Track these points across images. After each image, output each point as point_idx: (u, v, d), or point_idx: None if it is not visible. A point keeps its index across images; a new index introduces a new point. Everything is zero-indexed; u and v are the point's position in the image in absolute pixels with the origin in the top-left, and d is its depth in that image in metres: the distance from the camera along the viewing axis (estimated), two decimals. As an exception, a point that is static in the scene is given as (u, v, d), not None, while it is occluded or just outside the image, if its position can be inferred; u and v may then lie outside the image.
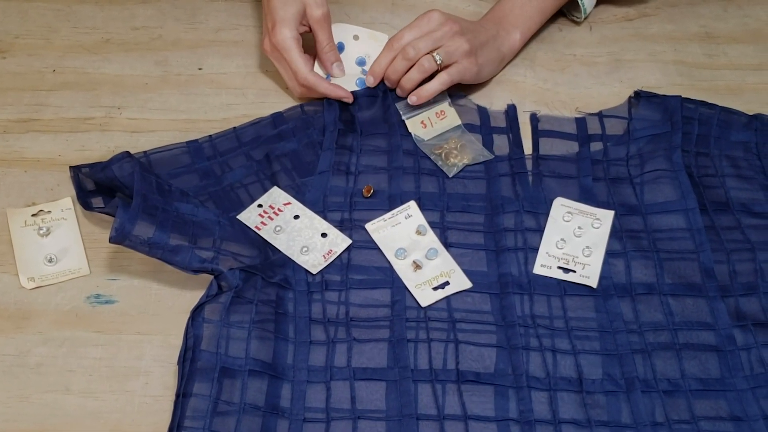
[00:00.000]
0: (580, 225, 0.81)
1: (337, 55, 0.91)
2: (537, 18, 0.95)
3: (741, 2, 1.05)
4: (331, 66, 0.90)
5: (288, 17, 0.86)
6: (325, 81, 0.88)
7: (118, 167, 0.77)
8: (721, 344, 0.74)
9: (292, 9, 0.87)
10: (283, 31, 0.86)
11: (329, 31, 0.90)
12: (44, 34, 0.99)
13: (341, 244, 0.79)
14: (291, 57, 0.86)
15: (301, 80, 0.87)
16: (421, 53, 0.86)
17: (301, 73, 0.86)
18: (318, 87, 0.87)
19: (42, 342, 0.74)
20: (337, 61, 0.91)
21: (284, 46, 0.86)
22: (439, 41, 0.86)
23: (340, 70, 0.91)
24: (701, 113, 0.89)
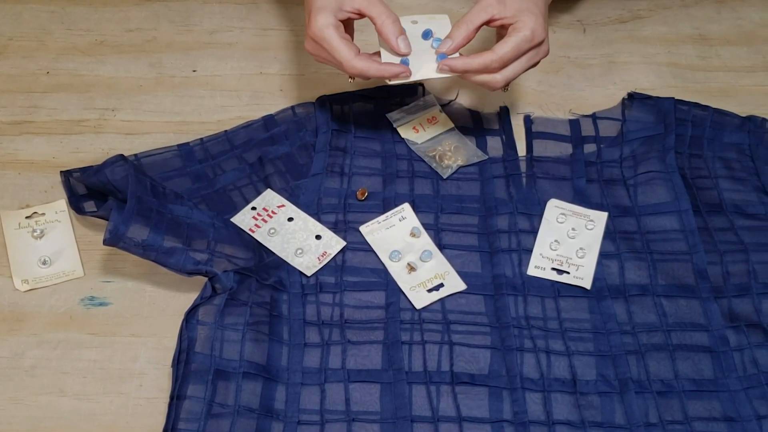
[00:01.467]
0: (573, 226, 0.81)
1: (400, 27, 0.78)
2: None
3: (734, 4, 1.06)
4: (396, 40, 0.77)
5: (324, 5, 0.77)
6: (375, 62, 0.77)
7: (110, 171, 0.77)
8: (714, 345, 0.74)
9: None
10: (319, 19, 0.76)
11: (382, 6, 0.78)
12: (38, 36, 0.98)
13: (335, 246, 0.79)
14: (331, 45, 0.76)
15: (348, 70, 0.77)
16: (507, 81, 0.79)
17: (346, 61, 0.76)
18: (369, 72, 0.76)
19: (36, 344, 0.73)
20: (401, 35, 0.78)
21: (322, 36, 0.76)
22: (530, 63, 0.80)
23: (405, 44, 0.78)
24: (694, 115, 0.89)
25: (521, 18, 0.77)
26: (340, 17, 0.78)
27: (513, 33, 0.76)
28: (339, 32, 0.77)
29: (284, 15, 1.02)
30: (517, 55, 0.77)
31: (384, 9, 0.78)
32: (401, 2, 1.03)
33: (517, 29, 0.76)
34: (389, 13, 0.78)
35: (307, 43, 0.80)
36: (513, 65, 0.78)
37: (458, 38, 0.78)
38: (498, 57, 0.76)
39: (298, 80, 0.95)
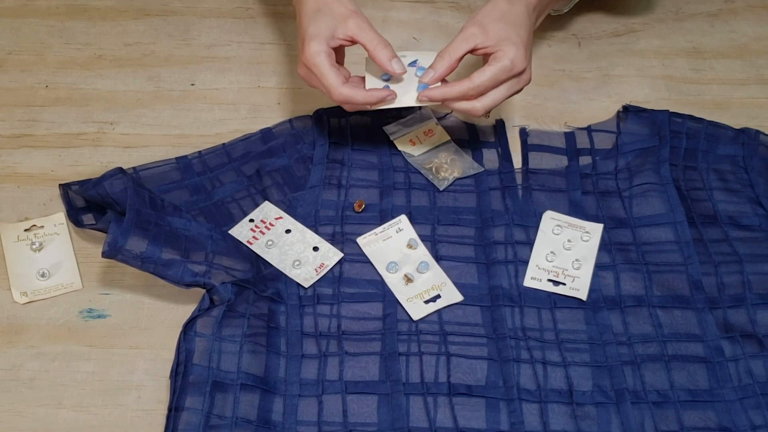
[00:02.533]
0: (569, 238, 0.81)
1: (392, 50, 0.80)
2: (549, 8, 0.91)
3: (727, 18, 1.07)
4: (389, 63, 0.79)
5: (317, 32, 0.79)
6: (361, 90, 0.79)
7: (109, 184, 0.77)
8: (709, 356, 0.74)
9: (320, 24, 0.79)
10: (312, 46, 0.78)
11: (373, 31, 0.80)
12: (37, 50, 0.99)
13: (333, 257, 0.79)
14: (321, 72, 0.78)
15: (335, 96, 0.79)
16: (487, 109, 0.80)
17: (333, 88, 0.78)
18: (356, 99, 0.79)
19: (35, 356, 0.74)
20: (394, 58, 0.80)
21: (313, 62, 0.78)
22: (510, 91, 0.81)
23: (399, 65, 0.79)
24: (689, 127, 0.90)
25: (502, 47, 0.78)
26: (332, 44, 0.80)
27: (492, 62, 0.78)
28: (330, 60, 0.79)
29: (282, 29, 1.02)
30: (494, 84, 0.79)
31: (375, 35, 0.80)
32: (397, 17, 1.04)
33: (497, 59, 0.78)
34: (380, 39, 0.80)
35: (300, 68, 0.81)
36: (492, 93, 0.79)
37: (440, 69, 0.79)
38: (475, 86, 0.78)
39: (295, 94, 0.95)
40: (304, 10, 0.81)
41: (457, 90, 0.78)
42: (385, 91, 0.79)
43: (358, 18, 0.80)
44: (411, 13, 1.05)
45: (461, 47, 0.79)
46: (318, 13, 0.80)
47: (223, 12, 1.04)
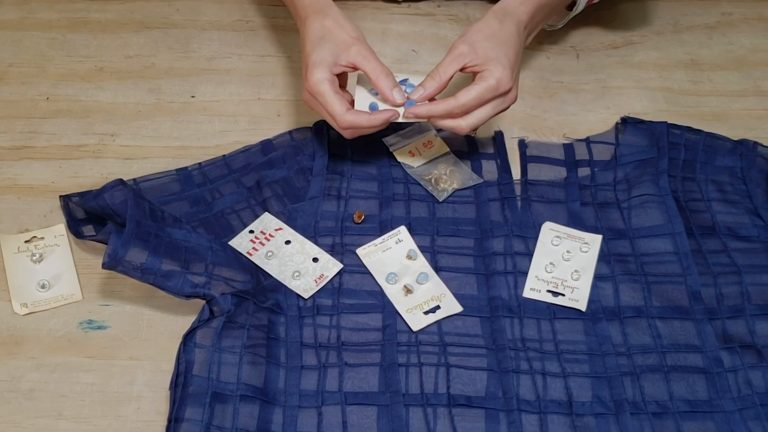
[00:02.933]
0: (568, 249, 0.82)
1: (394, 80, 0.82)
2: (542, 23, 0.93)
3: (725, 30, 1.07)
4: (391, 92, 0.81)
5: (320, 59, 0.80)
6: (365, 115, 0.80)
7: (109, 195, 0.77)
8: (708, 366, 0.74)
9: (324, 51, 0.81)
10: (315, 74, 0.80)
11: (376, 61, 0.82)
12: (38, 63, 1.00)
13: (332, 268, 0.79)
14: (325, 100, 0.80)
15: (340, 123, 0.80)
16: (472, 128, 0.81)
17: (338, 116, 0.79)
18: (360, 123, 0.80)
19: (34, 367, 0.74)
20: (396, 87, 0.81)
21: (317, 90, 0.80)
22: (497, 110, 0.82)
23: (401, 95, 0.81)
24: (687, 139, 0.91)
25: (488, 67, 0.79)
26: (335, 71, 0.81)
27: (478, 81, 0.79)
28: (333, 87, 0.80)
29: (281, 42, 1.03)
30: (480, 103, 0.80)
31: (378, 64, 0.81)
32: (396, 29, 1.05)
33: (483, 78, 0.79)
34: (383, 68, 0.81)
35: (304, 94, 0.83)
36: (477, 112, 0.80)
37: (430, 88, 0.81)
38: (460, 104, 0.79)
39: (295, 105, 0.96)
40: (307, 36, 0.83)
41: (443, 108, 0.79)
42: (388, 112, 0.81)
43: (361, 45, 0.82)
44: (410, 25, 1.05)
45: (451, 67, 0.81)
46: (321, 40, 0.81)
47: (223, 25, 1.05)
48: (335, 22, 0.82)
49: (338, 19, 0.83)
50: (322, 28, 0.82)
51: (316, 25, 0.83)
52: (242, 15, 1.06)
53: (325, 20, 0.83)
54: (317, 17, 0.83)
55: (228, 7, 1.07)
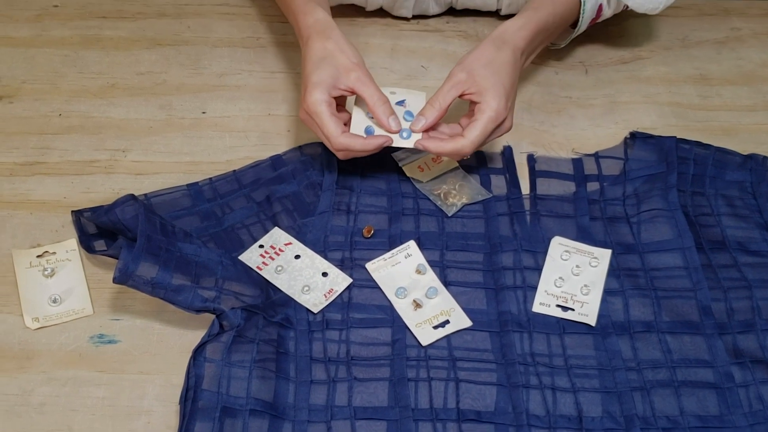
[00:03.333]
0: (578, 263, 0.81)
1: (391, 108, 0.84)
2: (547, 41, 0.95)
3: (734, 45, 1.07)
4: (387, 120, 0.83)
5: (320, 81, 0.82)
6: (359, 138, 0.82)
7: (121, 210, 0.78)
8: (719, 381, 0.74)
9: (324, 73, 0.83)
10: (314, 95, 0.82)
11: (374, 87, 0.84)
12: (51, 79, 1.01)
13: (342, 283, 0.79)
14: (321, 121, 0.82)
15: (335, 145, 0.82)
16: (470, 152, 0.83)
17: (333, 137, 0.81)
18: (354, 147, 0.82)
19: (45, 381, 0.74)
20: (392, 115, 0.84)
21: (314, 110, 0.82)
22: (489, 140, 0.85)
23: (396, 123, 0.83)
24: (696, 153, 0.91)
25: (485, 98, 0.82)
26: (333, 94, 0.83)
27: (479, 115, 0.82)
28: (330, 109, 0.82)
29: (291, 58, 1.04)
30: (485, 136, 0.83)
31: (375, 90, 0.83)
32: (406, 45, 1.05)
33: (482, 110, 0.82)
34: (380, 95, 0.83)
35: (301, 113, 0.84)
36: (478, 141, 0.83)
37: (431, 118, 0.83)
38: (470, 142, 0.82)
39: (305, 121, 0.96)
40: (309, 56, 0.85)
41: (451, 147, 0.82)
42: (382, 138, 0.83)
43: (360, 71, 0.84)
44: (420, 41, 1.06)
45: (450, 94, 0.83)
46: (322, 62, 0.83)
47: (233, 41, 1.06)
48: (337, 45, 0.84)
49: (340, 43, 0.85)
50: (324, 50, 0.84)
51: (318, 46, 0.84)
52: (252, 32, 1.07)
53: (327, 42, 0.85)
54: (320, 38, 0.85)
55: (238, 24, 1.08)
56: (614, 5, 0.98)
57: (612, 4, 0.98)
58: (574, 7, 0.94)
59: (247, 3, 1.11)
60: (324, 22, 0.87)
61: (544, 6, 0.90)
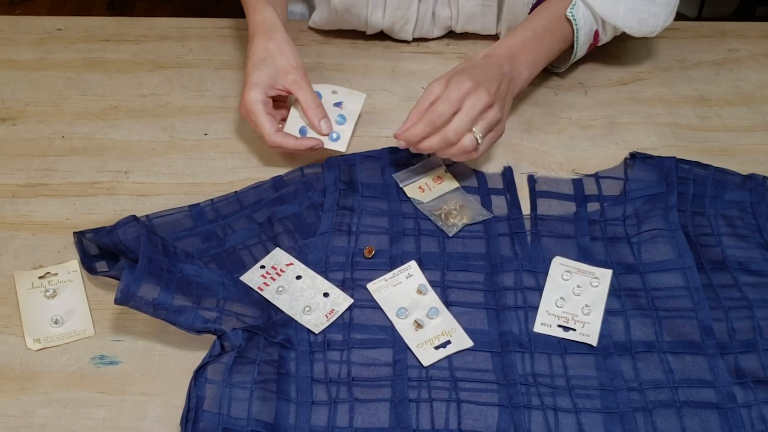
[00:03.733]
0: (579, 284, 0.82)
1: (323, 111, 0.92)
2: (544, 59, 0.96)
3: (732, 66, 1.08)
4: (318, 123, 0.91)
5: (258, 81, 0.89)
6: (291, 138, 0.89)
7: (123, 231, 0.78)
8: (721, 402, 0.74)
9: (262, 73, 0.89)
10: (251, 94, 0.88)
11: (309, 90, 0.91)
12: (54, 102, 1.01)
13: (343, 303, 0.80)
14: (257, 119, 0.88)
15: (268, 142, 0.89)
16: (461, 136, 0.85)
17: (266, 135, 0.88)
18: (286, 146, 0.89)
19: (46, 403, 0.74)
20: (324, 118, 0.91)
21: (251, 109, 0.88)
22: (475, 118, 0.85)
23: (327, 126, 0.91)
24: (696, 174, 0.91)
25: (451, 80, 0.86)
26: (270, 94, 0.90)
27: None
28: (266, 108, 0.89)
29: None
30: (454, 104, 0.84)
31: (309, 93, 0.91)
32: (406, 67, 1.06)
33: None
34: (313, 98, 0.91)
35: (240, 108, 0.91)
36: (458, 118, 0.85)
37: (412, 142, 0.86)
38: (434, 109, 0.84)
39: (306, 142, 0.97)
40: (251, 54, 0.91)
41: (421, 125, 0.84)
42: (313, 140, 0.90)
43: (298, 74, 0.91)
44: (420, 63, 1.07)
45: (424, 101, 0.86)
46: (263, 62, 0.90)
47: (235, 64, 1.07)
48: (278, 47, 0.91)
49: (282, 45, 0.91)
50: (266, 50, 0.91)
51: (260, 46, 0.91)
52: (254, 54, 1.08)
53: (269, 43, 0.91)
54: (263, 38, 0.91)
55: (240, 46, 1.09)
56: (611, 30, 1.00)
57: (608, 30, 1.00)
58: (567, 26, 0.96)
59: (249, 26, 1.12)
60: (270, 22, 0.93)
61: (531, 17, 0.96)
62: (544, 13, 0.96)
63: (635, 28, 0.98)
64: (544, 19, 0.96)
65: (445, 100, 0.84)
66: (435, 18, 1.07)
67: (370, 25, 1.06)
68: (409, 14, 1.04)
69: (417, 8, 1.04)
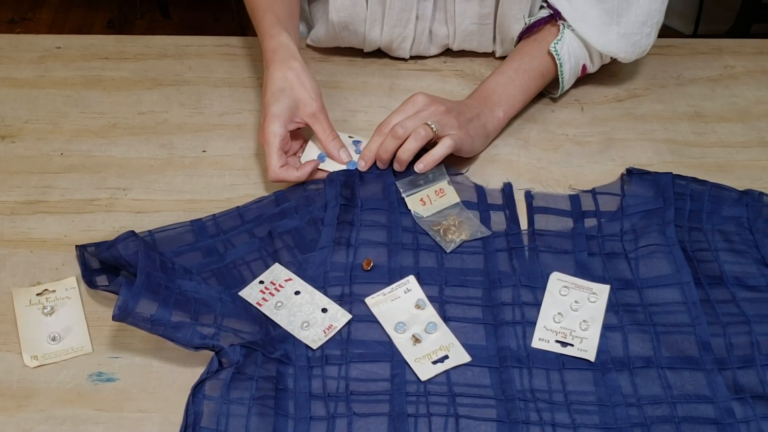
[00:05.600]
0: (576, 299, 0.82)
1: (341, 142, 0.93)
2: (520, 96, 0.99)
3: (728, 83, 1.09)
4: (338, 153, 0.92)
5: (278, 113, 0.89)
6: (293, 171, 0.89)
7: (123, 246, 0.78)
8: (720, 417, 0.74)
9: (282, 106, 0.90)
10: (272, 127, 0.89)
11: (327, 122, 0.92)
12: (53, 119, 1.02)
13: (341, 319, 0.80)
14: (268, 151, 0.89)
15: (270, 177, 0.89)
16: (410, 131, 0.88)
17: (270, 169, 0.89)
18: (288, 179, 0.90)
19: (44, 420, 0.74)
20: (342, 148, 0.92)
21: (267, 141, 0.89)
22: (427, 119, 0.89)
23: (346, 154, 0.92)
24: (693, 189, 0.91)
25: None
26: (289, 128, 0.91)
27: None
28: (282, 142, 0.90)
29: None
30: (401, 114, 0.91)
31: (327, 127, 0.92)
32: (404, 84, 1.07)
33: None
34: (331, 131, 0.92)
35: (259, 136, 0.91)
36: None
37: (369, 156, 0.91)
38: (385, 121, 0.91)
39: (304, 159, 0.97)
40: (269, 84, 0.91)
41: (376, 138, 0.91)
42: (309, 164, 0.91)
43: (316, 107, 0.91)
44: (417, 80, 1.08)
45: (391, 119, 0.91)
46: (282, 93, 0.90)
47: (234, 81, 1.07)
48: (297, 78, 0.91)
49: (300, 75, 0.91)
50: (285, 80, 0.91)
51: (278, 75, 0.91)
52: (253, 72, 1.09)
53: (288, 72, 0.91)
54: (281, 67, 0.91)
55: (239, 64, 1.10)
56: (598, 60, 1.02)
57: (596, 60, 1.01)
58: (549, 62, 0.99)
59: (247, 44, 1.13)
60: (287, 49, 0.93)
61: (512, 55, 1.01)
62: (524, 49, 1.00)
63: (629, 51, 1.00)
64: (524, 56, 0.99)
65: (397, 112, 0.91)
66: (432, 36, 1.08)
67: (368, 43, 1.07)
68: (406, 32, 1.05)
69: (414, 26, 1.05)
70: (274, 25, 0.95)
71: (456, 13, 1.04)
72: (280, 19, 0.96)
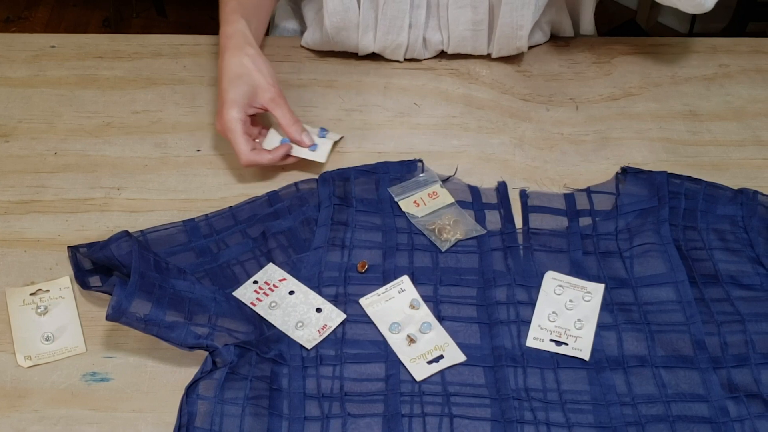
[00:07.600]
0: (571, 298, 0.82)
1: (301, 125, 0.93)
2: None
3: (722, 81, 1.09)
4: (300, 136, 0.92)
5: (236, 99, 0.89)
6: (265, 153, 0.90)
7: (116, 246, 0.78)
8: (714, 416, 0.74)
9: (239, 91, 0.90)
10: (230, 113, 0.89)
11: (286, 108, 0.92)
12: (47, 119, 1.01)
13: (336, 318, 0.79)
14: (233, 138, 0.89)
15: (242, 162, 0.89)
16: None
17: (241, 154, 0.89)
18: (261, 162, 0.90)
19: (37, 420, 0.73)
20: (304, 132, 0.93)
21: (228, 127, 0.89)
22: None
23: (309, 138, 0.93)
24: (687, 188, 0.91)
25: None
26: (248, 112, 0.91)
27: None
28: (244, 127, 0.90)
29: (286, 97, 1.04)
30: None
31: (287, 111, 0.92)
32: (399, 83, 1.07)
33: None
34: (291, 116, 0.93)
35: (217, 125, 0.91)
36: None
37: None
38: None
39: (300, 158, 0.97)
40: (225, 70, 0.91)
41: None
42: (284, 147, 0.91)
43: (274, 92, 0.91)
44: (412, 79, 1.07)
45: None
46: (239, 80, 0.90)
47: (228, 80, 1.07)
48: (254, 64, 0.91)
49: (256, 61, 0.91)
50: (241, 66, 0.91)
51: (234, 61, 0.91)
52: (247, 71, 1.08)
53: (244, 59, 0.91)
54: (236, 53, 0.91)
55: (234, 63, 1.09)
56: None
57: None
58: None
59: (242, 43, 1.12)
60: (242, 35, 0.93)
61: None
62: None
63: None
64: None
65: None
66: (426, 43, 1.07)
67: (362, 48, 1.06)
68: (399, 40, 1.05)
69: (408, 34, 1.04)
70: (234, 11, 0.95)
71: (449, 19, 1.04)
72: (243, 6, 0.96)
